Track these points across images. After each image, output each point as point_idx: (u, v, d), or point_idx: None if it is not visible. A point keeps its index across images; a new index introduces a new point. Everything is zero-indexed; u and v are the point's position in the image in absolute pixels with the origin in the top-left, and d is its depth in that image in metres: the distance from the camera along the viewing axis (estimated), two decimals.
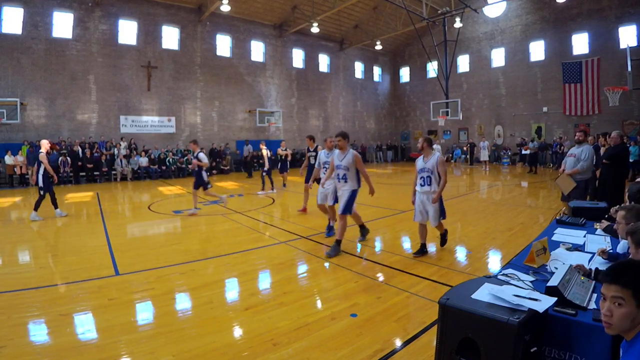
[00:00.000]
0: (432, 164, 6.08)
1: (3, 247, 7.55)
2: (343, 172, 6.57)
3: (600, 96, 24.41)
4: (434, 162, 6.08)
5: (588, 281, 2.82)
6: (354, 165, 6.53)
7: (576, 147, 7.69)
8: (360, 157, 6.64)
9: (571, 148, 8.04)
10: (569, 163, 7.69)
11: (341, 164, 6.57)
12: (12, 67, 19.39)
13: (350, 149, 6.61)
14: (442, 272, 5.58)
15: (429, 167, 6.10)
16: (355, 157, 6.54)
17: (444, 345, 2.45)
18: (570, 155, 7.75)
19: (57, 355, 3.49)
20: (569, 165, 7.62)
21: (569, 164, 7.64)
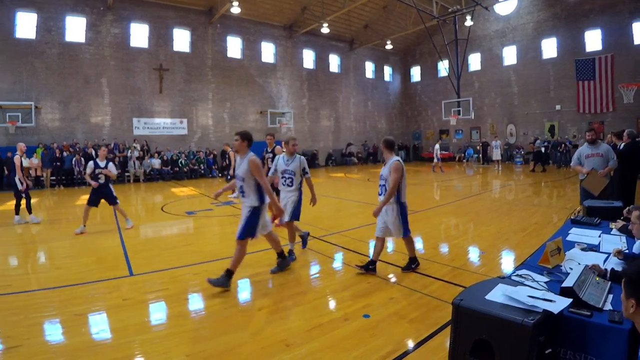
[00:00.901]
0: (386, 170, 5.44)
1: (19, 248, 7.67)
2: (240, 183, 5.20)
3: (614, 93, 24.06)
4: (387, 168, 5.43)
5: (603, 282, 2.79)
6: (250, 175, 5.08)
7: (590, 147, 7.25)
8: (259, 163, 5.10)
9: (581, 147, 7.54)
10: (594, 163, 7.14)
11: (237, 173, 5.23)
12: (27, 71, 19.69)
13: (250, 154, 5.15)
14: (455, 273, 5.55)
15: (384, 175, 5.51)
16: (251, 163, 5.01)
17: (458, 346, 2.45)
18: (592, 156, 7.21)
19: (72, 354, 3.53)
20: (596, 166, 7.07)
21: (595, 164, 7.10)
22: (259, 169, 5.03)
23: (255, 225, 5.15)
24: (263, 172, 5.10)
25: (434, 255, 6.56)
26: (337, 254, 6.76)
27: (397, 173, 5.34)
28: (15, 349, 3.59)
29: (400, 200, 5.54)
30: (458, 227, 9.03)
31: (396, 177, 5.34)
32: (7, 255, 7.11)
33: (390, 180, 5.37)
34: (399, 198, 5.52)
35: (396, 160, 5.43)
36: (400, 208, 5.55)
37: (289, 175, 6.33)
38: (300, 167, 6.34)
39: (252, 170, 5.01)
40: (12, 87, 19.31)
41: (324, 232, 8.26)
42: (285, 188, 6.39)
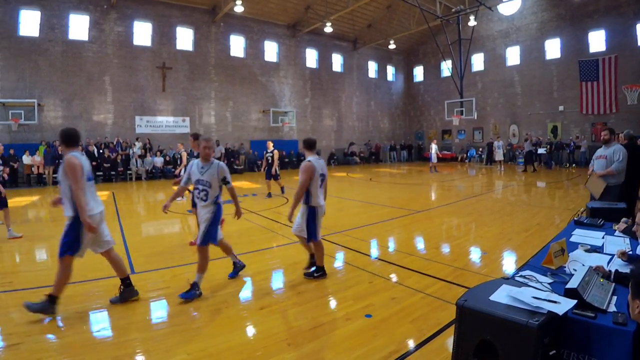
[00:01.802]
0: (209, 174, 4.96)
1: (20, 245, 7.67)
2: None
3: (618, 94, 24.00)
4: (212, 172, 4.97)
5: (608, 283, 2.76)
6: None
7: (604, 147, 7.03)
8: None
9: (598, 149, 7.30)
10: (597, 165, 7.02)
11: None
12: (30, 68, 19.74)
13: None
14: (457, 273, 5.53)
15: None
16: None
17: (461, 347, 2.43)
18: (599, 157, 7.04)
19: (73, 352, 3.53)
20: (598, 168, 6.97)
21: (598, 167, 6.98)
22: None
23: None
24: None
25: (436, 255, 6.54)
26: (339, 253, 6.74)
27: (304, 174, 5.14)
28: (16, 347, 3.59)
29: (310, 204, 5.26)
30: (460, 227, 9.01)
31: (303, 179, 5.14)
32: (9, 253, 7.12)
33: (298, 181, 5.19)
34: (307, 201, 5.26)
35: (307, 161, 5.23)
36: (308, 211, 5.28)
37: (202, 187, 4.97)
38: (219, 177, 4.95)
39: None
40: (16, 84, 19.35)
41: (326, 232, 8.22)
42: (199, 202, 5.08)
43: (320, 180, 5.31)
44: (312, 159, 5.25)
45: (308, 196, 5.23)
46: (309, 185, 5.19)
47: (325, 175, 5.45)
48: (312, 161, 5.21)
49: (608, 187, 6.74)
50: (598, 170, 6.95)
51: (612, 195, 6.66)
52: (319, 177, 5.24)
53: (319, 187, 5.29)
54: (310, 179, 5.14)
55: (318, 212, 5.30)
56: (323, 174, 5.36)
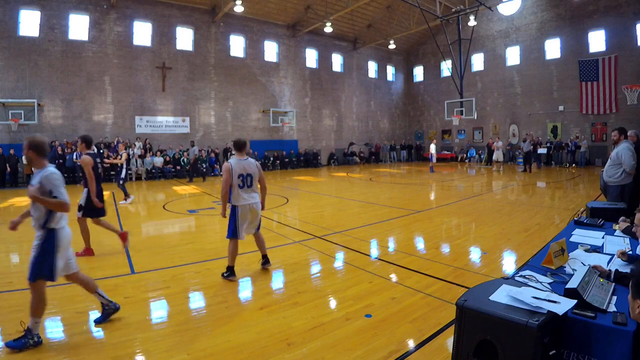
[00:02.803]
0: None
1: (21, 245, 7.67)
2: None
3: (617, 94, 24.03)
4: None
5: (607, 283, 2.77)
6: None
7: (615, 147, 6.92)
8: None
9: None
10: (607, 165, 6.97)
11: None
12: (30, 68, 19.74)
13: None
14: (457, 273, 5.53)
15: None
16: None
17: (461, 347, 2.43)
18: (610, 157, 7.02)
19: (73, 352, 3.53)
20: (607, 168, 6.90)
21: (607, 166, 6.93)
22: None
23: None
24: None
25: (436, 255, 6.54)
26: (339, 253, 6.74)
27: (223, 175, 5.38)
28: None
29: (232, 203, 5.48)
30: (460, 227, 9.01)
31: (223, 179, 5.36)
32: (8, 253, 7.12)
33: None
34: (230, 199, 5.48)
35: (226, 162, 5.47)
36: (231, 210, 5.51)
37: (33, 205, 3.71)
38: (47, 189, 3.61)
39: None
40: (15, 84, 19.36)
41: (326, 232, 8.24)
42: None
43: (242, 180, 5.42)
44: (233, 160, 5.43)
45: (231, 195, 5.44)
46: (231, 185, 5.37)
47: (252, 175, 5.53)
48: (231, 162, 5.39)
49: (607, 186, 6.73)
50: (605, 170, 6.90)
51: (612, 195, 6.64)
52: (237, 178, 5.37)
53: (239, 187, 5.41)
54: (227, 179, 5.31)
55: (238, 210, 5.43)
56: (244, 175, 5.44)
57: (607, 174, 6.81)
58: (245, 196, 5.47)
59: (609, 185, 6.81)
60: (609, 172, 6.78)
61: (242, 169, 5.41)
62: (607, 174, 6.81)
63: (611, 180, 6.77)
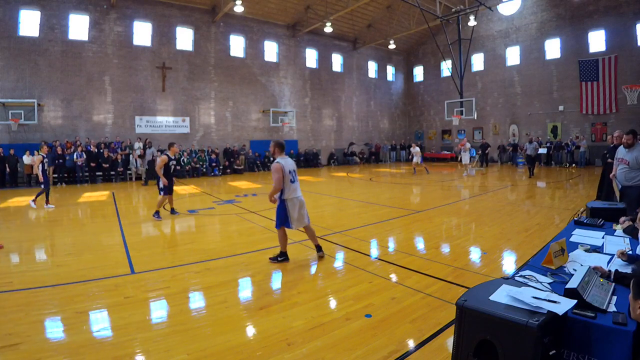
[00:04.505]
0: None
1: (21, 245, 7.68)
2: None
3: (617, 94, 24.03)
4: None
5: (607, 283, 2.77)
6: None
7: (626, 150, 6.65)
8: None
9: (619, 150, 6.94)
10: (619, 170, 6.78)
11: None
12: (30, 69, 19.73)
13: None
14: (457, 273, 5.53)
15: None
16: None
17: (461, 347, 2.43)
18: (621, 160, 6.75)
19: (73, 352, 3.53)
20: (620, 173, 6.72)
21: (619, 172, 6.74)
22: None
23: None
24: None
25: (436, 255, 6.54)
26: (339, 253, 6.73)
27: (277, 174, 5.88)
28: (16, 347, 3.58)
29: (284, 197, 6.00)
30: (460, 227, 9.01)
31: (278, 177, 5.87)
32: (9, 253, 7.11)
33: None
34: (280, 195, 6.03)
35: (276, 163, 5.96)
36: (280, 203, 6.04)
37: None
38: None
39: None
40: (15, 84, 19.35)
41: (326, 232, 8.24)
42: None
43: (292, 176, 6.05)
44: (282, 160, 6.00)
45: (283, 190, 5.99)
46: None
47: (296, 171, 6.25)
48: (281, 162, 5.95)
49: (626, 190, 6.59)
50: (620, 176, 6.75)
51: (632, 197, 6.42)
52: (289, 174, 5.97)
53: (291, 182, 6.00)
54: (280, 178, 5.86)
55: (288, 203, 5.98)
56: (292, 171, 6.09)
57: (625, 177, 6.62)
58: (295, 190, 6.06)
59: (630, 187, 6.58)
60: (628, 175, 6.58)
61: (290, 166, 6.05)
62: (625, 177, 6.62)
63: (631, 183, 6.56)
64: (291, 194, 5.98)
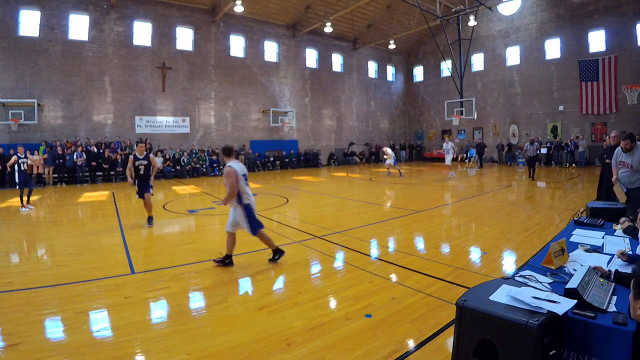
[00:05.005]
0: None
1: (21, 245, 7.68)
2: None
3: (617, 94, 24.02)
4: None
5: (607, 283, 2.77)
6: None
7: (625, 154, 6.55)
8: None
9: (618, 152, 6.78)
10: (621, 174, 6.64)
11: None
12: (30, 69, 19.72)
13: None
14: (457, 273, 5.53)
15: None
16: None
17: (461, 347, 2.43)
18: (622, 164, 6.63)
19: (73, 352, 3.53)
20: (623, 177, 6.58)
21: (622, 176, 6.61)
22: None
23: None
24: None
25: (436, 255, 6.54)
26: (339, 253, 6.74)
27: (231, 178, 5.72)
28: (16, 347, 3.59)
29: (244, 202, 5.88)
30: (460, 227, 9.01)
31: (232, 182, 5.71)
32: (9, 253, 7.12)
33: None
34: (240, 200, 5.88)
35: (229, 167, 5.80)
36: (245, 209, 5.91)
37: None
38: None
39: None
40: (15, 84, 19.35)
41: (326, 232, 8.24)
42: None
43: (245, 179, 5.97)
44: (234, 164, 5.84)
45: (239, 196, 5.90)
46: None
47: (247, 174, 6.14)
48: (234, 166, 5.78)
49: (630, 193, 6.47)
50: (623, 179, 6.62)
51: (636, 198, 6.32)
52: (242, 178, 5.88)
53: (246, 186, 5.96)
54: (234, 183, 5.70)
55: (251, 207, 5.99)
56: (245, 174, 6.00)
57: (629, 180, 6.50)
58: (250, 193, 6.00)
59: (635, 189, 6.46)
60: (632, 178, 6.47)
61: (242, 170, 5.89)
62: (629, 180, 6.50)
63: (636, 185, 6.45)
64: (250, 197, 5.95)
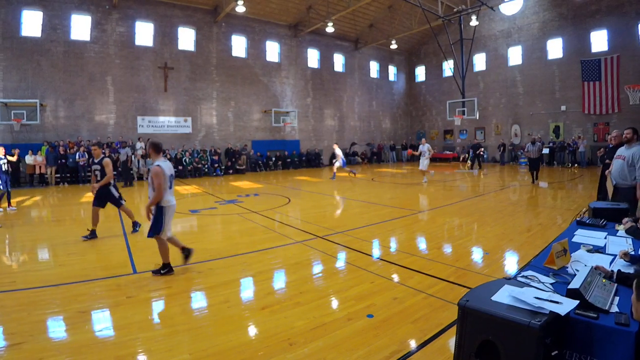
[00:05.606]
0: None
1: (24, 244, 7.70)
2: None
3: (620, 94, 23.98)
4: None
5: (610, 284, 2.76)
6: None
7: (625, 147, 6.42)
8: None
9: (620, 148, 6.68)
10: (614, 166, 6.53)
11: None
12: (32, 69, 19.77)
13: None
14: (459, 273, 5.52)
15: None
16: None
17: (463, 347, 2.43)
18: (618, 157, 6.49)
19: (76, 351, 3.54)
20: (615, 170, 6.47)
21: (615, 168, 6.49)
22: None
23: None
24: None
25: (438, 255, 6.53)
26: (341, 253, 6.74)
27: (158, 178, 5.44)
28: (19, 346, 3.60)
29: (161, 204, 5.58)
30: (462, 227, 8.99)
31: (158, 183, 5.44)
32: (11, 252, 7.15)
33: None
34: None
35: (156, 166, 5.52)
36: (158, 210, 5.60)
37: None
38: None
39: None
40: (18, 84, 19.40)
41: (328, 232, 8.24)
42: None
43: (171, 181, 5.73)
44: (162, 163, 5.56)
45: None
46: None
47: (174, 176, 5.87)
48: (162, 165, 5.51)
49: (618, 189, 6.41)
50: (615, 172, 6.50)
51: (623, 196, 6.23)
52: (168, 179, 5.64)
53: (169, 188, 5.66)
54: (162, 183, 5.43)
55: (166, 211, 5.62)
56: (172, 175, 5.76)
57: (619, 174, 6.37)
58: (172, 197, 5.70)
59: (622, 188, 6.36)
60: (622, 173, 6.32)
61: (169, 170, 5.68)
62: (619, 174, 6.37)
63: (624, 183, 6.34)
64: (170, 200, 5.64)
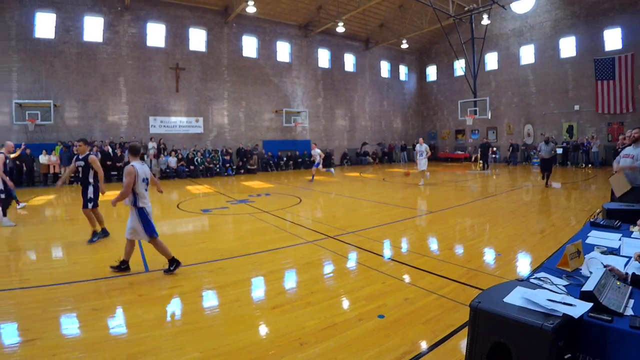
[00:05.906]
0: None
1: (38, 243, 7.79)
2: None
3: (634, 93, 23.63)
4: None
5: (624, 286, 2.72)
6: None
7: (633, 146, 6.46)
8: None
9: (625, 147, 6.73)
10: (622, 164, 6.53)
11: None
12: (46, 70, 20.06)
13: None
14: (471, 274, 5.48)
15: None
16: None
17: (475, 349, 2.41)
18: (626, 156, 6.55)
19: (88, 348, 3.58)
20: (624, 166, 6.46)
21: (624, 165, 6.48)
22: None
23: None
24: None
25: (450, 256, 6.49)
26: (352, 253, 6.73)
27: (128, 178, 5.49)
28: (33, 342, 3.65)
29: (139, 205, 5.65)
30: (473, 228, 8.93)
31: (127, 182, 5.49)
32: (25, 251, 7.25)
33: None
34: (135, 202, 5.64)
35: (130, 166, 5.59)
36: (139, 212, 5.65)
37: None
38: None
39: None
40: (32, 86, 19.68)
41: (339, 232, 8.23)
42: None
43: (146, 184, 5.84)
44: (137, 165, 5.67)
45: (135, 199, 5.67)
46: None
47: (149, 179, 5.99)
48: (136, 166, 5.62)
49: (633, 188, 6.29)
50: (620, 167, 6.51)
51: (635, 196, 6.15)
52: (142, 182, 5.73)
53: (145, 190, 5.79)
54: (130, 183, 5.52)
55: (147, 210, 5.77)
56: (147, 178, 5.86)
57: (629, 175, 6.34)
58: (148, 198, 5.82)
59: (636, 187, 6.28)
60: (632, 173, 6.31)
61: (144, 173, 5.76)
62: (629, 175, 6.34)
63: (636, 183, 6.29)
64: (146, 202, 5.76)
